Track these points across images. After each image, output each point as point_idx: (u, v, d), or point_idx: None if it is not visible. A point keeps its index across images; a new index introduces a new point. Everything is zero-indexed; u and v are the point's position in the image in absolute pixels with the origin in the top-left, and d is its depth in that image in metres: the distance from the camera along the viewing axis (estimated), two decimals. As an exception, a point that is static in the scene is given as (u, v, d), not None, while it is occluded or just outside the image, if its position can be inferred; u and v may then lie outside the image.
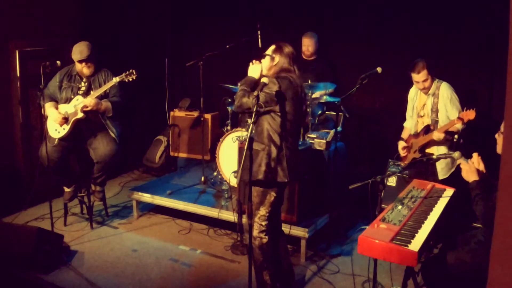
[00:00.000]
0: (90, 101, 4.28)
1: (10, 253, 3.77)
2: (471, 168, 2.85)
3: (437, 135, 3.86)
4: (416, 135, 4.15)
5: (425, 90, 4.01)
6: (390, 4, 5.03)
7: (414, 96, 4.21)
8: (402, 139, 4.25)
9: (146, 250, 4.28)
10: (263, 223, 3.23)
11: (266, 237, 3.24)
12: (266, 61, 3.26)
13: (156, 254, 4.20)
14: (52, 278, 3.75)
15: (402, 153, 4.21)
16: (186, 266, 4.02)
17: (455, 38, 4.76)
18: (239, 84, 3.26)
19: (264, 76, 3.24)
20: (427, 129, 4.02)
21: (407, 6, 4.93)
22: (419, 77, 3.93)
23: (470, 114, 3.60)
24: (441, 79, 4.01)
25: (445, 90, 3.94)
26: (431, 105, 3.99)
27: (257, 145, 3.16)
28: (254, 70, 3.27)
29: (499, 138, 2.76)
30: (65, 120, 4.36)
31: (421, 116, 4.13)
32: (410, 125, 4.29)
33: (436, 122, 3.97)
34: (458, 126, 3.81)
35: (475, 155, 2.92)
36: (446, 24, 4.78)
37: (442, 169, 4.02)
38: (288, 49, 3.25)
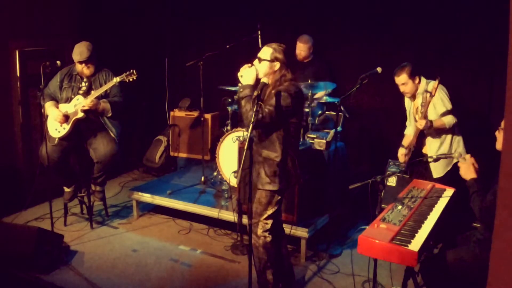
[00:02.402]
0: (88, 101, 4.28)
1: (10, 253, 3.77)
2: (470, 166, 2.87)
3: (419, 122, 3.85)
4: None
5: (408, 95, 4.03)
6: (390, 4, 5.03)
7: (409, 102, 4.22)
8: (403, 146, 4.26)
9: (146, 250, 4.27)
10: (268, 222, 3.23)
11: (270, 236, 3.24)
12: (263, 67, 3.13)
13: (156, 254, 4.20)
14: (52, 278, 3.75)
15: (402, 159, 4.22)
16: (186, 266, 4.02)
17: (455, 38, 4.76)
18: (239, 97, 3.10)
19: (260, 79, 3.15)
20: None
21: (407, 6, 4.93)
22: (398, 79, 3.96)
23: (434, 84, 3.65)
24: (441, 79, 4.01)
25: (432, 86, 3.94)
26: (421, 101, 3.99)
27: (269, 153, 3.14)
28: (249, 75, 3.11)
29: (499, 134, 2.78)
30: (66, 118, 4.36)
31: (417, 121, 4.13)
32: (410, 132, 4.29)
33: (426, 116, 3.96)
34: (445, 121, 3.82)
35: (467, 156, 2.95)
36: (446, 24, 4.78)
37: (435, 168, 4.01)
38: (283, 49, 3.14)
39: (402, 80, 3.94)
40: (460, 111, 3.92)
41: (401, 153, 4.22)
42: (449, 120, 3.85)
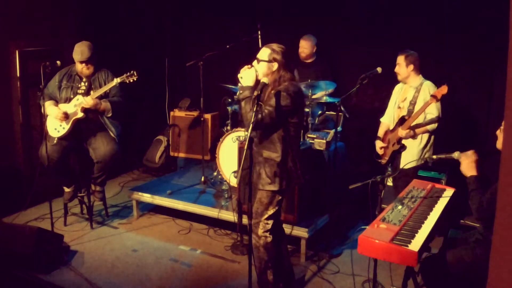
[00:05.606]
0: (89, 101, 4.29)
1: (10, 253, 3.77)
2: (471, 163, 2.87)
3: (401, 132, 3.90)
4: (392, 130, 4.14)
5: (399, 76, 4.09)
6: (390, 4, 5.03)
7: (400, 90, 4.25)
8: (379, 138, 4.25)
9: (146, 250, 4.28)
10: (269, 222, 3.23)
11: (271, 236, 3.25)
12: (262, 67, 3.13)
13: (156, 254, 4.20)
14: (52, 278, 3.75)
15: (380, 152, 4.20)
16: (186, 266, 4.02)
17: (455, 38, 4.76)
18: (239, 98, 3.11)
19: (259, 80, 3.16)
20: (402, 120, 4.00)
21: (407, 6, 4.93)
22: (397, 58, 4.07)
23: (443, 89, 3.64)
24: (441, 79, 4.01)
25: (428, 87, 3.98)
26: (411, 98, 4.01)
27: (270, 154, 3.14)
28: (249, 76, 3.11)
29: (500, 134, 2.78)
30: (66, 116, 4.36)
31: (400, 108, 4.14)
32: (387, 119, 4.30)
33: (411, 113, 3.96)
34: (430, 128, 3.89)
35: (470, 152, 2.94)
36: (446, 24, 4.78)
37: (405, 158, 4.02)
38: (282, 50, 3.14)
39: (398, 60, 4.07)
40: (460, 111, 3.92)
41: (379, 145, 4.20)
42: (434, 127, 3.90)
